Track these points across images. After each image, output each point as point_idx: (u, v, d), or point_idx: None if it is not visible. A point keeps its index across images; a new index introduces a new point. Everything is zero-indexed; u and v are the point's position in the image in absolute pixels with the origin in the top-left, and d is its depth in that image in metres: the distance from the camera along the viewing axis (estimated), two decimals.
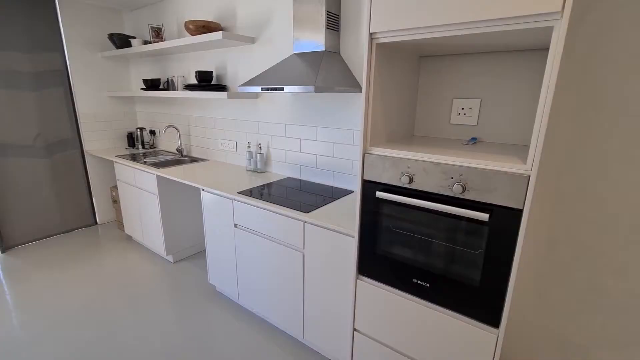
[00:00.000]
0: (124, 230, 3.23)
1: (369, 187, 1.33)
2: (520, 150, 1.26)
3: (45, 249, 3.00)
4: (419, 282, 1.28)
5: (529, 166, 0.98)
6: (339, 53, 1.89)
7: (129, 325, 2.05)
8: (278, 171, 2.42)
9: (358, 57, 1.82)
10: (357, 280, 1.47)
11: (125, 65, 3.49)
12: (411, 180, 1.21)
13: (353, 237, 1.45)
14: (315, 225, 1.59)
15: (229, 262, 2.13)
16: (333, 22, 1.78)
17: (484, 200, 1.07)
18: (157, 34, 2.81)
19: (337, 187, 2.07)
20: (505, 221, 1.05)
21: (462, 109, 1.47)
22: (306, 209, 1.68)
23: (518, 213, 1.02)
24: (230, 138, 2.71)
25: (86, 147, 3.29)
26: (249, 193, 1.92)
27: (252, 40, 2.30)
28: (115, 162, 2.94)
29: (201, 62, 2.75)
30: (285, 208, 1.69)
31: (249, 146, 2.52)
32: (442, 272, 1.22)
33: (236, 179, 2.25)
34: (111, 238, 3.23)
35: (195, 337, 1.96)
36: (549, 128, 1.36)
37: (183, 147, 3.15)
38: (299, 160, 2.27)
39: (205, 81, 2.51)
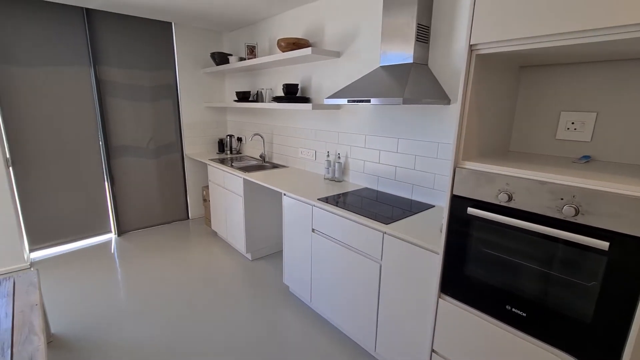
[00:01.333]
0: (210, 227, 3.59)
1: (459, 203, 1.28)
2: None
3: (149, 236, 3.49)
4: (513, 309, 1.18)
5: None
6: (427, 65, 1.86)
7: (208, 311, 2.26)
8: (355, 181, 2.46)
9: (448, 68, 1.77)
10: (439, 299, 1.40)
11: (221, 79, 3.93)
12: (510, 198, 1.13)
13: (437, 253, 1.39)
14: (396, 237, 1.57)
15: (304, 265, 2.22)
16: (423, 34, 1.77)
17: (602, 227, 0.95)
18: (252, 51, 3.11)
19: (416, 201, 2.02)
20: (631, 252, 0.91)
21: (572, 123, 1.32)
22: (385, 220, 1.68)
23: None
24: (309, 147, 2.85)
25: (186, 150, 3.77)
26: (326, 200, 1.99)
27: (337, 55, 2.41)
28: (209, 165, 3.31)
29: (288, 75, 2.96)
30: (364, 218, 1.71)
31: (327, 155, 2.61)
32: (542, 302, 1.10)
33: (314, 186, 2.35)
34: (199, 232, 3.62)
35: (266, 334, 2.08)
36: None
37: (266, 153, 3.40)
38: (377, 171, 2.27)
39: (291, 93, 2.69)
